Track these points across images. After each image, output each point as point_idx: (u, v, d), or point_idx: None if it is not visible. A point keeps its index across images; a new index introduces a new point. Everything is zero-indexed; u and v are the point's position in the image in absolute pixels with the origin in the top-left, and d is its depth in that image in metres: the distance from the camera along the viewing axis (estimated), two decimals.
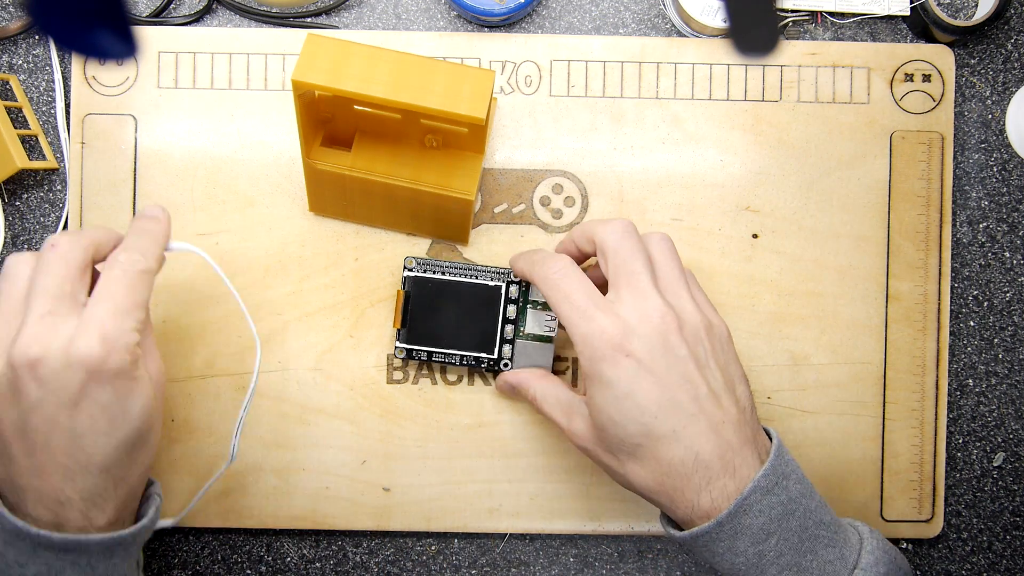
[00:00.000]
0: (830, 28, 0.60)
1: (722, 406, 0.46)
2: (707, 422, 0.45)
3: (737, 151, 0.59)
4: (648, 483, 0.46)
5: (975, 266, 0.61)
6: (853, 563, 0.46)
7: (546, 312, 0.55)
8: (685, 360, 0.46)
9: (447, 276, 0.55)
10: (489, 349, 0.55)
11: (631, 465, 0.46)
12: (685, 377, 0.45)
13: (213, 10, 0.60)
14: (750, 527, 0.44)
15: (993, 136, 0.61)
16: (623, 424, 0.45)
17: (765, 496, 0.45)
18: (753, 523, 0.44)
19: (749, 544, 0.44)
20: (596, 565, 0.60)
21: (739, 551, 0.44)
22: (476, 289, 0.55)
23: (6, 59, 0.60)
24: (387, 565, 0.60)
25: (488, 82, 0.46)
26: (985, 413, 0.61)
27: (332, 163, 0.52)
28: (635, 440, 0.46)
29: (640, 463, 0.46)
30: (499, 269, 0.55)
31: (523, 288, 0.55)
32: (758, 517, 0.44)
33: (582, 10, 0.60)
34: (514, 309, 0.55)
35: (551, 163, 0.59)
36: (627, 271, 0.47)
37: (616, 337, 0.45)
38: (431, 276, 0.55)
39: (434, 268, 0.55)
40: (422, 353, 0.55)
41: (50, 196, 0.59)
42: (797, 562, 0.45)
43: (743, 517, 0.44)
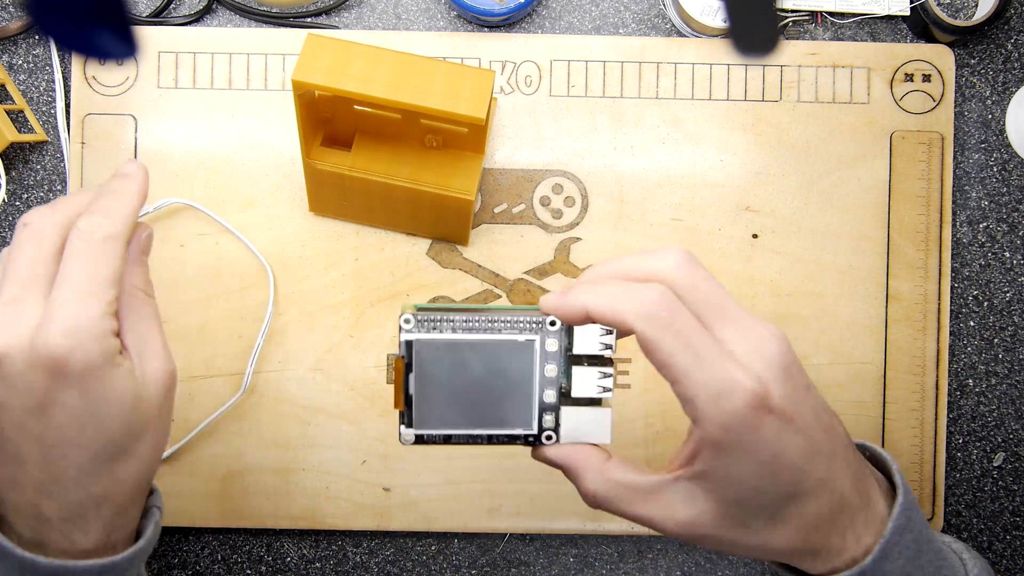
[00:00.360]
0: (830, 28, 0.60)
1: (837, 429, 0.39)
2: (841, 455, 0.38)
3: (737, 151, 0.59)
4: (793, 543, 0.38)
5: (975, 266, 0.61)
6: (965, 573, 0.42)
7: (599, 368, 0.41)
8: (807, 390, 0.38)
9: (459, 334, 0.41)
10: (525, 423, 0.41)
11: (771, 532, 0.38)
12: (815, 412, 0.38)
13: (213, 10, 0.60)
14: (891, 572, 0.39)
15: (993, 136, 0.61)
16: (768, 490, 0.37)
17: (903, 535, 0.39)
18: (893, 568, 0.39)
19: None
20: (596, 565, 0.60)
21: None
22: (499, 349, 0.41)
23: (6, 59, 0.60)
24: (387, 565, 0.60)
25: (488, 82, 0.46)
26: (985, 413, 0.61)
27: (332, 163, 0.52)
28: (780, 503, 0.37)
29: (784, 525, 0.38)
30: (525, 314, 0.41)
31: (566, 338, 0.41)
32: (897, 560, 0.39)
33: (582, 10, 0.60)
34: (553, 368, 0.41)
35: (551, 163, 0.59)
36: (714, 303, 0.37)
37: (755, 389, 0.35)
38: (438, 337, 0.41)
39: (440, 322, 0.40)
40: (437, 437, 0.42)
41: (50, 196, 0.59)
42: None
43: (884, 562, 0.38)
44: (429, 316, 0.40)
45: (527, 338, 0.41)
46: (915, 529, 0.39)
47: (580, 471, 0.39)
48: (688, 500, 0.38)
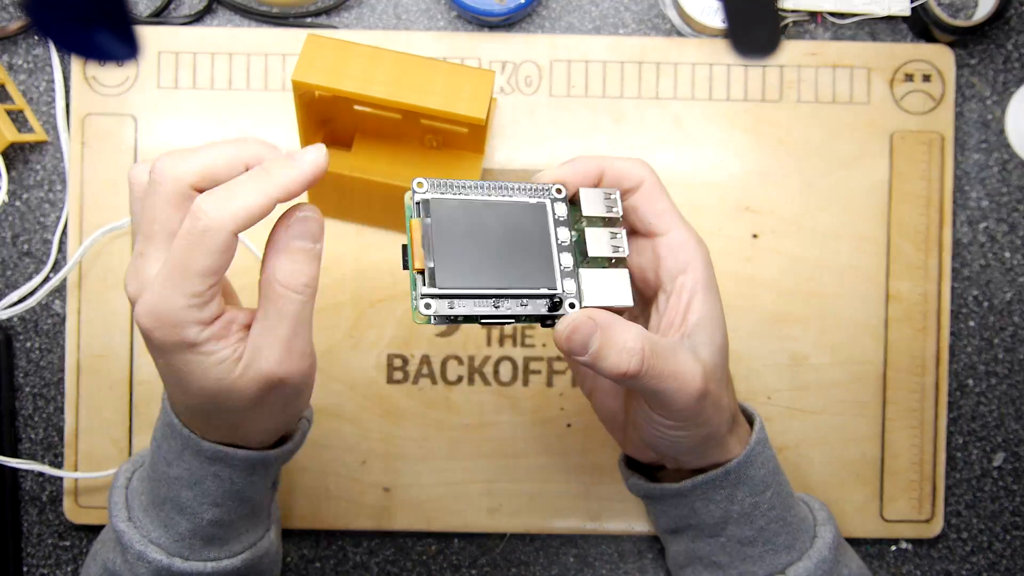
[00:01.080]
0: (830, 28, 0.60)
1: None
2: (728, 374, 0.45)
3: (737, 151, 0.59)
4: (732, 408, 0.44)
5: (975, 266, 0.61)
6: (813, 519, 0.47)
7: (609, 228, 0.41)
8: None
9: (472, 195, 0.40)
10: (549, 282, 0.40)
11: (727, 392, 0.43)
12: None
13: (213, 10, 0.60)
14: (752, 477, 0.44)
15: (993, 136, 0.61)
16: (724, 341, 0.43)
17: (764, 448, 0.45)
18: (755, 474, 0.44)
19: (747, 494, 0.44)
20: (596, 565, 0.60)
21: (736, 499, 0.44)
22: (512, 210, 0.40)
23: (6, 59, 0.60)
24: (387, 565, 0.60)
25: (488, 82, 0.46)
26: (985, 413, 0.61)
27: (332, 163, 0.52)
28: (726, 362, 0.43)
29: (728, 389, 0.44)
30: (532, 183, 0.42)
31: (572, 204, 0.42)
32: (759, 469, 0.44)
33: (582, 10, 0.60)
34: (565, 232, 0.41)
35: (551, 163, 0.59)
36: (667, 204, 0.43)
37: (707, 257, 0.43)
38: (452, 197, 0.40)
39: (451, 187, 0.40)
40: (462, 303, 0.39)
41: (50, 196, 0.59)
42: (783, 516, 0.45)
43: (748, 467, 0.44)
44: (440, 183, 0.40)
45: (538, 200, 0.41)
46: (771, 449, 0.46)
47: (618, 330, 0.38)
48: (693, 355, 0.40)
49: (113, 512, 0.44)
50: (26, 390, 0.59)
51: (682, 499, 0.45)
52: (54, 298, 0.59)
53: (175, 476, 0.42)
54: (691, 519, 0.46)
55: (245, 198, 0.36)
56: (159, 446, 0.43)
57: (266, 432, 0.43)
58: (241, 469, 0.43)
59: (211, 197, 0.36)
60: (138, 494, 0.45)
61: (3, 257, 0.59)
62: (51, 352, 0.59)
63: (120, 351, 0.58)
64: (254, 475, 0.43)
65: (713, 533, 0.45)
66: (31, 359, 0.59)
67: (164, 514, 0.43)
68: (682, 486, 0.45)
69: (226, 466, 0.42)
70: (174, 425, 0.42)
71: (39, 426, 0.59)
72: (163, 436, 0.43)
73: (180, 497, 0.43)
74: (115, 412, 0.58)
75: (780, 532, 0.45)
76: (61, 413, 0.59)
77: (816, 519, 0.47)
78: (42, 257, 0.59)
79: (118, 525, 0.44)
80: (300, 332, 0.38)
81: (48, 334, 0.59)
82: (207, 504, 0.43)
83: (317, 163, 0.38)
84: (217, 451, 0.42)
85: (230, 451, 0.42)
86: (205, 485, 0.42)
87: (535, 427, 0.58)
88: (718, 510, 0.44)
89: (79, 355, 0.58)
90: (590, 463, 0.59)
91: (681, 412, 0.40)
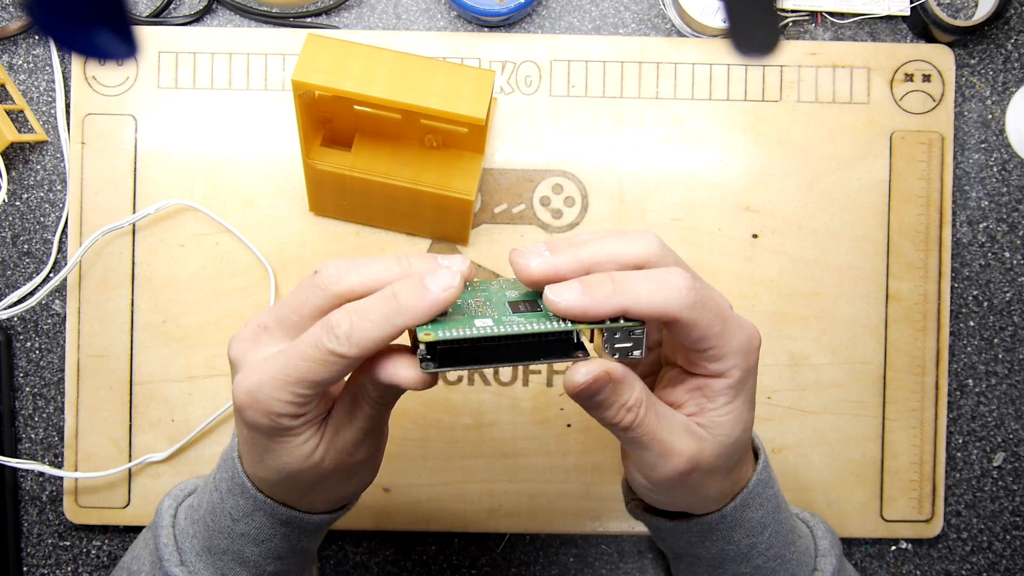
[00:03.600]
0: (830, 28, 0.60)
1: None
2: None
3: (737, 151, 0.59)
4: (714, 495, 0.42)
5: (975, 266, 0.61)
6: (815, 549, 0.47)
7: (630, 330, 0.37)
8: None
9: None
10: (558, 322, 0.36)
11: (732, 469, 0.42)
12: None
13: (213, 10, 0.60)
14: (749, 520, 0.44)
15: (993, 136, 0.61)
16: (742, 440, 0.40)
17: (765, 488, 0.44)
18: (753, 516, 0.44)
19: (744, 536, 0.44)
20: (596, 565, 0.60)
21: (733, 540, 0.44)
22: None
23: (6, 59, 0.60)
24: (387, 565, 0.60)
25: (488, 82, 0.46)
26: (985, 413, 0.61)
27: (332, 163, 0.52)
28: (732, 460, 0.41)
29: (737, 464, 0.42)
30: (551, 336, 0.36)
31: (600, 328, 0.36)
32: (757, 511, 0.44)
33: (582, 10, 0.60)
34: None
35: (551, 163, 0.59)
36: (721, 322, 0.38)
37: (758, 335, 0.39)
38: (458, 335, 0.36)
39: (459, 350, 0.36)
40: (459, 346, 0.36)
41: (50, 196, 0.59)
42: (782, 554, 0.45)
43: (745, 510, 0.43)
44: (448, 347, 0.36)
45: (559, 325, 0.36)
46: (777, 489, 0.45)
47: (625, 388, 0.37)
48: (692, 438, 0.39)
49: (164, 555, 0.44)
50: (26, 390, 0.59)
51: (679, 535, 0.45)
52: (54, 298, 0.59)
53: (241, 532, 0.43)
54: (689, 550, 0.45)
55: (371, 330, 0.35)
56: (222, 499, 0.43)
57: (334, 501, 0.44)
58: (311, 531, 0.44)
59: (344, 319, 0.35)
60: (189, 536, 0.44)
61: (3, 257, 0.59)
62: (51, 352, 0.59)
63: (120, 351, 0.58)
64: (319, 533, 0.45)
65: (712, 565, 0.45)
66: (31, 359, 0.59)
67: (223, 564, 0.43)
68: (676, 525, 0.44)
69: (296, 528, 0.43)
70: (246, 487, 0.42)
71: (39, 426, 0.59)
72: (228, 492, 0.43)
73: (244, 551, 0.43)
74: (115, 412, 0.58)
75: (778, 570, 0.45)
76: (61, 413, 0.59)
77: (818, 549, 0.47)
78: (42, 257, 0.59)
79: (171, 570, 0.44)
80: (372, 426, 0.40)
81: (48, 334, 0.59)
82: (271, 559, 0.43)
83: (450, 290, 0.35)
84: (292, 516, 0.42)
85: (304, 517, 0.43)
86: (273, 544, 0.43)
87: (535, 427, 0.58)
88: (715, 548, 0.44)
89: (79, 355, 0.58)
90: (590, 463, 0.59)
91: (660, 482, 0.39)
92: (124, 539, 0.60)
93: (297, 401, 0.37)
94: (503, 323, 0.36)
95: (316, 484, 0.41)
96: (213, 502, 0.43)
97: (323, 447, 0.39)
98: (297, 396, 0.37)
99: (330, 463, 0.39)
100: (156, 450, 0.58)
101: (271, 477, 0.41)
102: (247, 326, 0.39)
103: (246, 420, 0.38)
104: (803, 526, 0.48)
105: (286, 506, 0.42)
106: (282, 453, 0.39)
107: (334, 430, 0.39)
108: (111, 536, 0.60)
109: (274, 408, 0.37)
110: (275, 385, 0.37)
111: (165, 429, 0.58)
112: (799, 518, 0.50)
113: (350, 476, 0.42)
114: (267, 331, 0.39)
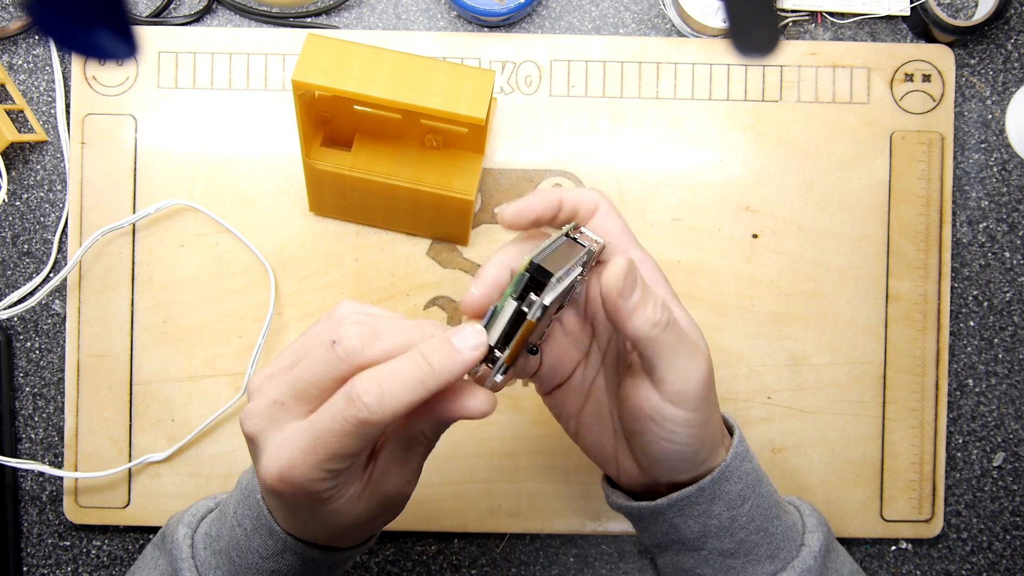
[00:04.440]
0: (830, 28, 0.60)
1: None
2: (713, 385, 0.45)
3: (737, 151, 0.59)
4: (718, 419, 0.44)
5: (975, 266, 0.61)
6: (802, 526, 0.47)
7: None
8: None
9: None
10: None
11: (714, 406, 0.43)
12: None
13: (213, 10, 0.60)
14: (728, 492, 0.44)
15: (993, 136, 0.61)
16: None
17: (743, 462, 0.45)
18: (731, 489, 0.44)
19: (724, 508, 0.44)
20: (596, 565, 0.60)
21: (713, 515, 0.44)
22: None
23: (6, 59, 0.60)
24: (387, 565, 0.60)
25: (488, 82, 0.46)
26: (985, 413, 0.61)
27: (332, 163, 0.52)
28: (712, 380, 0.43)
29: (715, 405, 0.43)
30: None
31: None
32: (736, 484, 0.44)
33: (582, 10, 0.60)
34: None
35: (551, 163, 0.59)
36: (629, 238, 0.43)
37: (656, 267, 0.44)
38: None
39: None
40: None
41: (50, 196, 0.59)
42: (765, 527, 0.45)
43: (724, 483, 0.44)
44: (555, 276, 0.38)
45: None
46: (756, 465, 0.45)
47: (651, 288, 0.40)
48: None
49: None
50: (26, 390, 0.59)
51: (660, 516, 0.45)
52: (54, 298, 0.59)
53: (271, 569, 0.42)
54: (672, 535, 0.46)
55: (404, 395, 0.35)
56: (248, 537, 0.42)
57: (365, 536, 0.44)
58: (340, 564, 0.44)
59: (372, 387, 0.35)
60: (212, 568, 0.44)
61: (3, 257, 0.59)
62: (51, 352, 0.59)
63: (120, 351, 0.58)
64: (346, 565, 0.45)
65: (695, 547, 0.45)
66: (31, 359, 0.59)
67: None
68: (658, 504, 0.45)
69: (326, 564, 0.43)
70: (275, 531, 0.42)
71: (39, 426, 0.59)
72: (255, 531, 0.42)
73: None
74: (115, 412, 0.58)
75: (761, 543, 0.45)
76: (61, 413, 0.59)
77: (805, 526, 0.47)
78: (42, 257, 0.59)
79: None
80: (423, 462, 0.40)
81: (48, 334, 0.59)
82: None
83: (479, 349, 0.36)
84: (322, 556, 0.42)
85: (334, 555, 0.43)
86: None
87: (535, 427, 0.58)
88: (696, 525, 0.45)
89: (79, 355, 0.58)
90: (590, 463, 0.58)
91: (696, 392, 0.40)
92: (124, 539, 0.60)
93: (333, 474, 0.37)
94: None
95: (359, 527, 0.41)
96: (237, 538, 0.43)
97: (368, 493, 0.39)
98: (330, 472, 0.36)
99: (376, 506, 0.40)
100: (156, 450, 0.58)
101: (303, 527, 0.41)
102: (258, 398, 0.38)
103: (284, 501, 0.38)
104: (790, 506, 0.49)
105: (317, 546, 0.42)
106: (327, 516, 0.39)
107: (381, 475, 0.39)
108: (111, 536, 0.60)
109: (311, 487, 0.37)
110: (308, 465, 0.36)
111: (165, 429, 0.58)
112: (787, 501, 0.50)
113: (387, 512, 0.41)
114: (284, 407, 0.37)
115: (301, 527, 0.41)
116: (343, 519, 0.39)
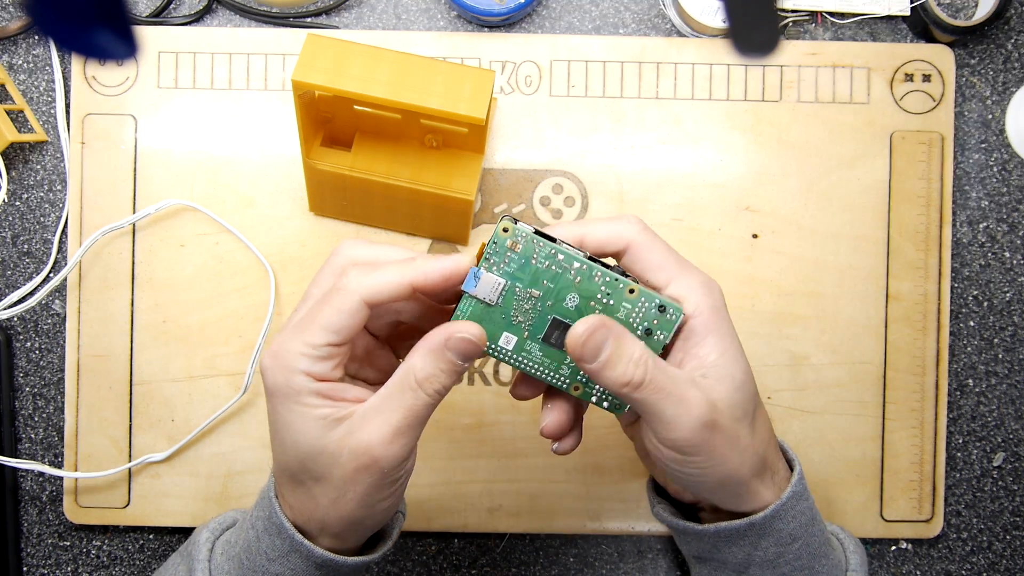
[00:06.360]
0: (830, 28, 0.60)
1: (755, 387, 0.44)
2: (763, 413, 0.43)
3: (737, 151, 0.59)
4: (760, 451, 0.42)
5: (975, 266, 0.61)
6: (845, 563, 0.46)
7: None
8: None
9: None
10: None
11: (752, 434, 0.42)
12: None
13: (213, 10, 0.60)
14: (780, 531, 0.43)
15: (993, 136, 0.61)
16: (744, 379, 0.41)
17: (799, 501, 0.43)
18: (784, 528, 0.43)
19: (772, 544, 0.43)
20: (596, 565, 0.60)
21: (760, 547, 0.44)
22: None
23: (6, 59, 0.60)
24: (387, 565, 0.60)
25: (488, 82, 0.46)
26: (985, 413, 0.61)
27: (332, 163, 0.52)
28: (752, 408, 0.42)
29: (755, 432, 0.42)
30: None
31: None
32: (789, 523, 0.43)
33: (582, 10, 0.60)
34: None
35: (551, 163, 0.59)
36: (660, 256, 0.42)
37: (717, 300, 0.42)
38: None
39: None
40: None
41: (50, 196, 0.59)
42: (811, 565, 0.44)
43: (776, 521, 0.43)
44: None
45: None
46: (811, 503, 0.44)
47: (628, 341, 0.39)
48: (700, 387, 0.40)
49: None
50: (26, 390, 0.59)
51: (705, 537, 0.45)
52: (54, 298, 0.59)
53: (276, 573, 0.42)
54: (714, 554, 0.45)
55: (384, 275, 0.39)
56: (258, 538, 0.43)
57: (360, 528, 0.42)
58: (346, 573, 0.43)
59: (357, 269, 0.39)
60: (224, 572, 0.44)
61: (3, 257, 0.59)
62: (51, 352, 0.59)
63: (120, 351, 0.58)
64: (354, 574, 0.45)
65: (737, 570, 0.45)
66: (31, 359, 0.59)
67: None
68: (704, 529, 0.44)
69: (332, 571, 0.43)
70: (283, 528, 0.42)
71: (39, 426, 0.59)
72: (265, 531, 0.42)
73: None
74: (115, 412, 0.58)
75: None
76: (61, 413, 0.59)
77: (848, 564, 0.46)
78: (42, 257, 0.59)
79: None
80: (411, 427, 0.39)
81: (48, 334, 0.59)
82: None
83: (459, 263, 0.39)
84: (327, 559, 0.42)
85: (339, 559, 0.42)
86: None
87: (535, 427, 0.58)
88: (741, 553, 0.44)
89: (79, 355, 0.58)
90: (590, 463, 0.59)
91: (686, 441, 0.39)
92: (124, 539, 0.60)
93: (309, 352, 0.38)
94: (521, 353, 0.41)
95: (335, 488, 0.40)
96: (249, 540, 0.43)
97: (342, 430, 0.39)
98: (309, 347, 0.38)
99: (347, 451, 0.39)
100: (156, 450, 0.58)
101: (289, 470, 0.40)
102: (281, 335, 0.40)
103: (269, 386, 0.39)
104: (835, 540, 0.48)
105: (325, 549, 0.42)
106: (298, 425, 0.38)
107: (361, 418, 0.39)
108: (111, 536, 0.60)
109: (289, 362, 0.38)
110: (290, 338, 0.38)
111: (165, 429, 0.58)
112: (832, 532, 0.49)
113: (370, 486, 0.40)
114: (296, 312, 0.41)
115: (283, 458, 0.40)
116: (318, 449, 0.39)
